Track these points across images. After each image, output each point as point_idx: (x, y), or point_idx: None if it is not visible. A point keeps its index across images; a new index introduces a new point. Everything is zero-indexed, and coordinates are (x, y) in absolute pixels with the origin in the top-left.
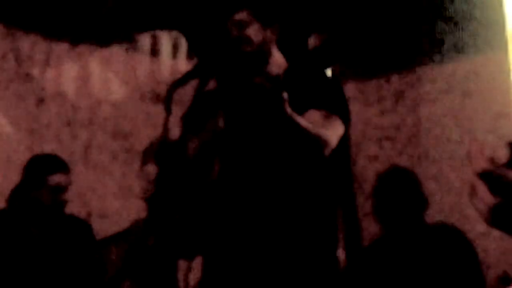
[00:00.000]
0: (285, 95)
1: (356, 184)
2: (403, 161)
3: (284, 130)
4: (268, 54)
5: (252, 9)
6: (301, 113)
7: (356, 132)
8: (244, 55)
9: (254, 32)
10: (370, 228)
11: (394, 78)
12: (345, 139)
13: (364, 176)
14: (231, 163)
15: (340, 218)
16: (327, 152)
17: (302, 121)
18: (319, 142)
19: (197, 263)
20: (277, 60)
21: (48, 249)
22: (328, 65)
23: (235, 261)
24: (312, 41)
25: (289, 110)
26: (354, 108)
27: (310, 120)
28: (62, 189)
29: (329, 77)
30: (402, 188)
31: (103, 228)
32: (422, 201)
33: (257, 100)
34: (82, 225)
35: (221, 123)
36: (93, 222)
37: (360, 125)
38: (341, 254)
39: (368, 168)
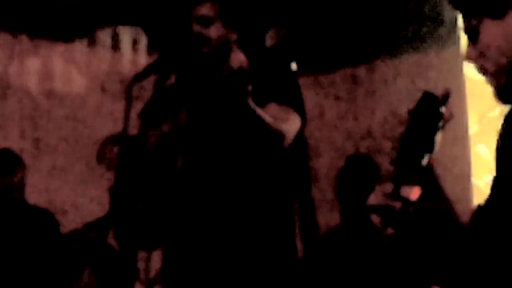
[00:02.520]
0: (250, 88)
1: (313, 175)
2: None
3: (246, 123)
4: (228, 52)
5: (216, 2)
6: (261, 106)
7: (313, 125)
8: (203, 55)
9: (215, 32)
10: (326, 218)
11: (350, 71)
12: (302, 132)
13: (320, 167)
14: (193, 157)
15: (297, 209)
16: (286, 144)
17: (263, 114)
18: (279, 135)
19: (157, 253)
20: (237, 57)
21: (12, 240)
22: (286, 60)
23: (196, 252)
24: (270, 36)
25: (252, 103)
26: (310, 101)
27: (270, 114)
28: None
29: (286, 72)
30: (361, 176)
31: (65, 220)
32: None
33: (220, 93)
34: (46, 216)
35: (182, 117)
36: (55, 215)
37: (316, 118)
38: (298, 243)
39: (324, 160)
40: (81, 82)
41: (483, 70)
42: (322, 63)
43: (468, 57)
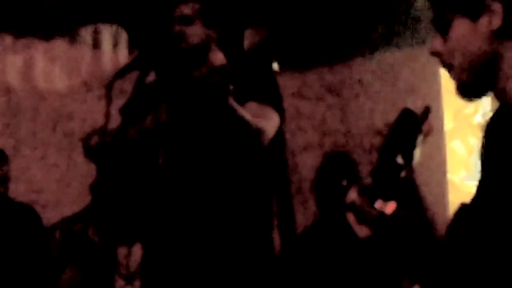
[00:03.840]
0: (231, 87)
1: (291, 172)
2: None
3: (226, 121)
4: (207, 51)
5: (197, 2)
6: (240, 103)
7: (291, 123)
8: (183, 52)
9: (195, 31)
10: (304, 215)
11: (327, 70)
12: (280, 130)
13: (298, 165)
14: (173, 153)
15: (275, 206)
16: (265, 142)
17: (243, 113)
18: (258, 133)
19: (137, 249)
20: (216, 56)
21: None
22: (266, 58)
23: (175, 248)
24: (249, 35)
25: (232, 102)
26: (288, 99)
27: (249, 112)
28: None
29: (265, 71)
30: (339, 173)
31: (46, 216)
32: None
33: (199, 92)
34: (29, 211)
35: (163, 115)
36: (37, 210)
37: (295, 116)
38: (276, 240)
39: (302, 157)
40: (63, 79)
41: (447, 64)
42: (300, 61)
43: (434, 49)
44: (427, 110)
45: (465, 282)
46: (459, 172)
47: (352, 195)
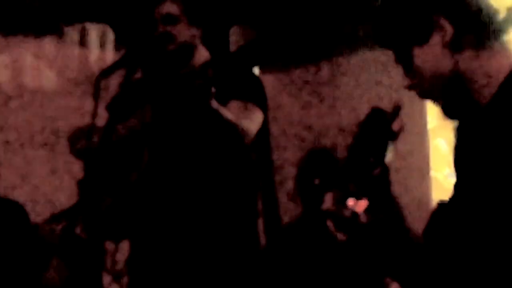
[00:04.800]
0: (213, 89)
1: (275, 169)
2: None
3: (210, 122)
4: (192, 49)
5: (182, 1)
6: (223, 104)
7: (275, 121)
8: (168, 52)
9: (180, 30)
10: (289, 211)
11: (312, 69)
12: (264, 127)
13: (282, 161)
14: (158, 152)
15: (260, 202)
16: (247, 140)
17: (226, 113)
18: (241, 132)
19: (124, 245)
20: (201, 54)
21: None
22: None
23: (162, 244)
24: (233, 33)
25: (215, 104)
26: (272, 97)
27: (232, 111)
28: None
29: (247, 69)
30: (321, 169)
31: (35, 212)
32: None
33: (184, 93)
34: (16, 208)
35: (148, 116)
36: (25, 207)
37: (279, 114)
38: (261, 235)
39: (286, 153)
40: (51, 77)
41: (424, 93)
42: (282, 59)
43: (409, 87)
44: (397, 108)
45: (442, 280)
46: (442, 169)
47: (328, 202)
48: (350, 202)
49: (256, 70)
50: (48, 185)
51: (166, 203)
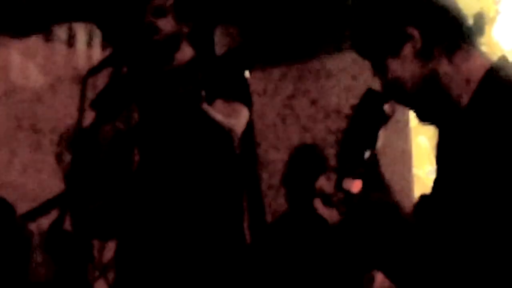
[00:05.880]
0: (203, 93)
1: (260, 166)
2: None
3: (198, 122)
4: (177, 44)
5: None
6: (209, 102)
7: (260, 118)
8: (152, 43)
9: (166, 23)
10: (274, 207)
11: (297, 66)
12: (249, 125)
13: (268, 157)
14: (146, 151)
15: (245, 199)
16: (235, 139)
17: (214, 114)
18: (229, 132)
19: (111, 243)
20: (186, 51)
21: None
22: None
23: (149, 241)
24: (218, 32)
25: (205, 106)
26: (256, 95)
27: (218, 110)
28: None
29: (234, 68)
30: (307, 165)
31: (19, 211)
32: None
33: (172, 95)
34: (3, 205)
35: (135, 116)
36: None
37: (264, 111)
38: (246, 231)
39: (271, 151)
40: (38, 76)
41: (401, 100)
42: (269, 57)
43: (387, 98)
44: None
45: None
46: (424, 167)
47: (321, 181)
48: (346, 182)
49: (247, 74)
50: (37, 184)
51: (152, 200)
